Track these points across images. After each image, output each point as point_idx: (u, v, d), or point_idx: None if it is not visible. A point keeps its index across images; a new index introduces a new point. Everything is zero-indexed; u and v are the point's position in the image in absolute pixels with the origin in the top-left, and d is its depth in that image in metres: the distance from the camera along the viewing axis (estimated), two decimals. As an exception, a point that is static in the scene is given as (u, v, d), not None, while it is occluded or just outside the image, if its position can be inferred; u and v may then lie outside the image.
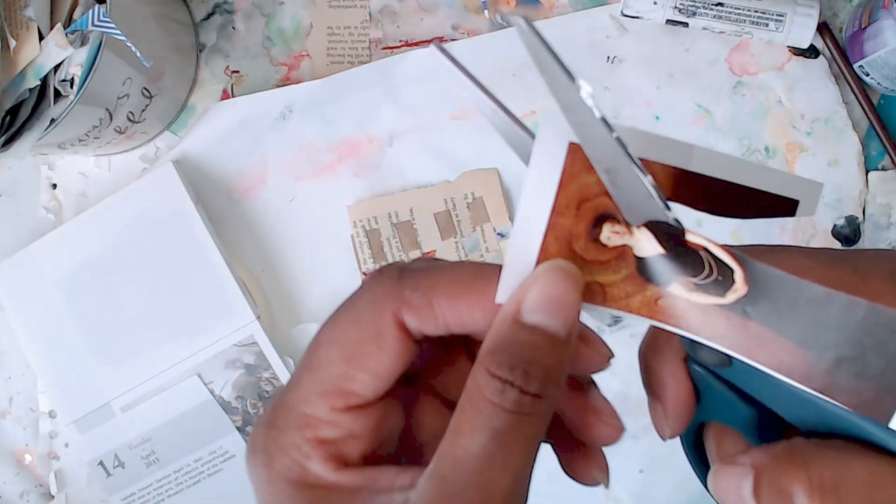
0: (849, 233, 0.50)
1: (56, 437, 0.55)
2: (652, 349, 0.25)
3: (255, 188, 0.53)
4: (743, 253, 0.21)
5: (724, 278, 0.21)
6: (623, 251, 0.22)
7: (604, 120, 0.19)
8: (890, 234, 0.50)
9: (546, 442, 0.25)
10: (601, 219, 0.22)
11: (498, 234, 0.52)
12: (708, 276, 0.21)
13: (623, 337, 0.51)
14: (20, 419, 0.56)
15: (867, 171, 0.50)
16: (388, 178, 0.52)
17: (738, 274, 0.21)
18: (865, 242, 0.50)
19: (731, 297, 0.21)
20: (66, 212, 0.55)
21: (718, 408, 0.24)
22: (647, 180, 0.20)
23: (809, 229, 0.50)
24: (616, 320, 0.51)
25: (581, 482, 0.25)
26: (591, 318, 0.23)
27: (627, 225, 0.21)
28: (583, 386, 0.24)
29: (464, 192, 0.52)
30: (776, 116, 0.50)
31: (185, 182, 0.52)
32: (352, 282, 0.53)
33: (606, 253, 0.22)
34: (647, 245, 0.21)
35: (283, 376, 0.51)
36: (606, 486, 0.25)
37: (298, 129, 0.53)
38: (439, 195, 0.52)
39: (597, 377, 0.25)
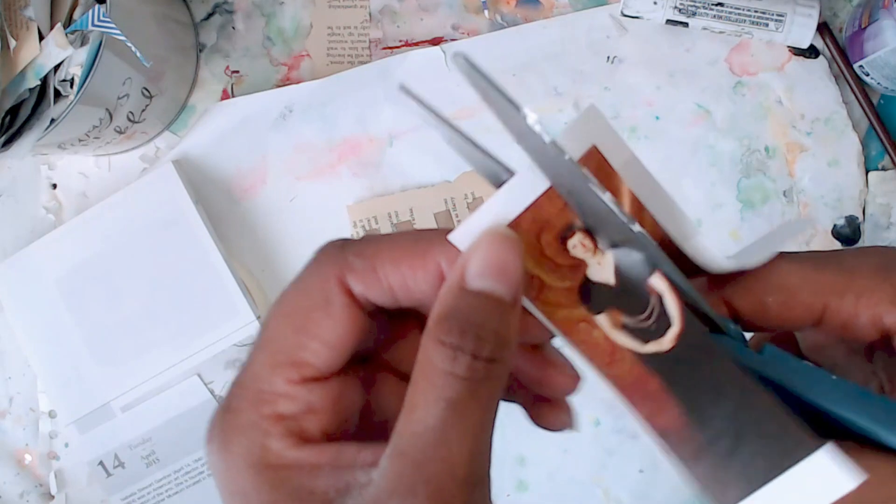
0: (849, 233, 0.50)
1: (56, 437, 0.55)
2: None
3: (255, 188, 0.53)
4: (701, 307, 0.22)
5: (656, 328, 0.22)
6: (578, 265, 0.22)
7: (554, 143, 0.19)
8: (890, 233, 0.50)
9: (511, 401, 0.25)
10: (579, 228, 0.22)
11: (498, 234, 0.52)
12: (643, 321, 0.22)
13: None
14: (20, 419, 0.56)
15: (867, 171, 0.50)
16: (388, 178, 0.52)
17: (674, 330, 0.21)
18: (865, 242, 0.50)
19: (650, 347, 0.22)
20: (66, 212, 0.55)
21: None
22: (606, 197, 0.20)
23: (810, 229, 0.50)
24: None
25: (550, 429, 0.25)
26: None
27: (596, 246, 0.22)
28: (538, 346, 0.25)
29: (464, 192, 0.52)
30: (776, 116, 0.50)
31: (185, 182, 0.52)
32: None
33: (564, 258, 0.22)
34: (601, 271, 0.22)
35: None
36: (574, 428, 0.25)
37: (298, 129, 0.53)
38: (439, 195, 0.52)
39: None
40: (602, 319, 0.22)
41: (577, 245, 0.22)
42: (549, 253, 0.22)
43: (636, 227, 0.21)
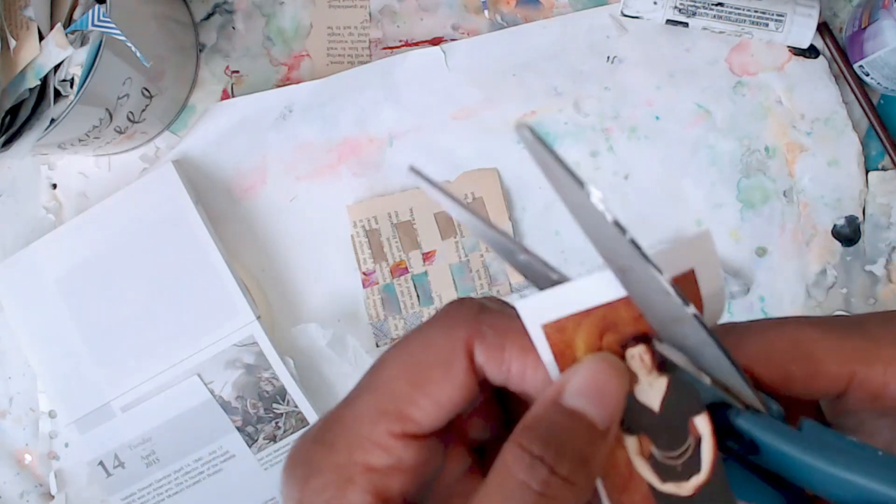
0: (849, 233, 0.50)
1: (56, 437, 0.55)
2: None
3: (255, 188, 0.53)
4: (742, 395, 0.21)
5: (682, 470, 0.21)
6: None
7: (616, 223, 0.19)
8: (890, 234, 0.50)
9: None
10: (644, 339, 0.21)
11: (498, 234, 0.52)
12: (672, 458, 0.21)
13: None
14: (20, 419, 0.56)
15: (867, 171, 0.50)
16: (388, 178, 0.52)
17: (699, 479, 0.21)
18: (866, 242, 0.50)
19: (668, 488, 0.21)
20: (66, 212, 0.55)
21: (745, 492, 0.23)
22: (664, 278, 0.19)
23: (810, 229, 0.50)
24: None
25: None
26: None
27: (653, 365, 0.21)
28: None
29: (464, 192, 0.52)
30: (776, 116, 0.50)
31: (185, 182, 0.52)
32: (352, 282, 0.53)
33: None
34: (649, 393, 0.21)
35: (283, 376, 0.51)
36: None
37: (298, 129, 0.53)
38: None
39: None
40: (631, 442, 0.21)
41: (636, 357, 0.21)
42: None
43: (690, 310, 0.20)
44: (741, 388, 0.21)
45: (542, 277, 0.23)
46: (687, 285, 0.21)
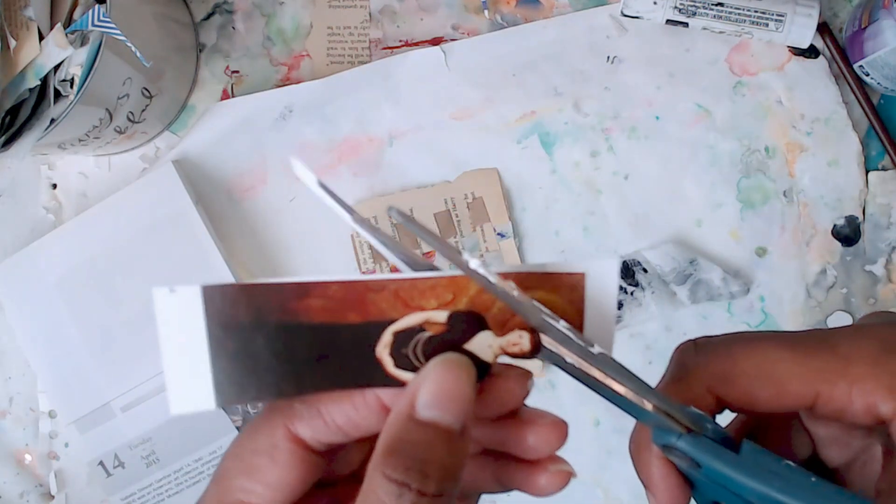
0: (849, 233, 0.50)
1: (56, 437, 0.55)
2: (635, 444, 0.25)
3: (255, 188, 0.53)
4: (671, 411, 0.22)
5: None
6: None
7: (501, 280, 0.21)
8: (890, 233, 0.50)
9: (507, 490, 0.25)
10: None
11: (498, 234, 0.52)
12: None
13: (623, 336, 0.51)
14: (20, 419, 0.56)
15: (867, 171, 0.50)
16: (388, 178, 0.52)
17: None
18: (865, 242, 0.50)
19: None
20: (66, 212, 0.55)
21: (718, 492, 0.23)
22: (562, 325, 0.22)
23: (810, 229, 0.50)
24: (616, 320, 0.51)
25: (553, 491, 0.24)
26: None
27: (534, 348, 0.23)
28: (513, 412, 0.24)
29: (464, 192, 0.52)
30: (776, 116, 0.50)
31: (185, 182, 0.52)
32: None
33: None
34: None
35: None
36: (573, 474, 0.25)
37: (298, 129, 0.53)
38: (439, 195, 0.52)
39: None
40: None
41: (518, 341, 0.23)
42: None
43: (595, 349, 0.22)
44: (678, 411, 0.22)
45: None
46: (571, 288, 0.23)
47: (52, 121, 0.44)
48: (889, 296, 0.50)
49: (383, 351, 0.22)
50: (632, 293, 0.51)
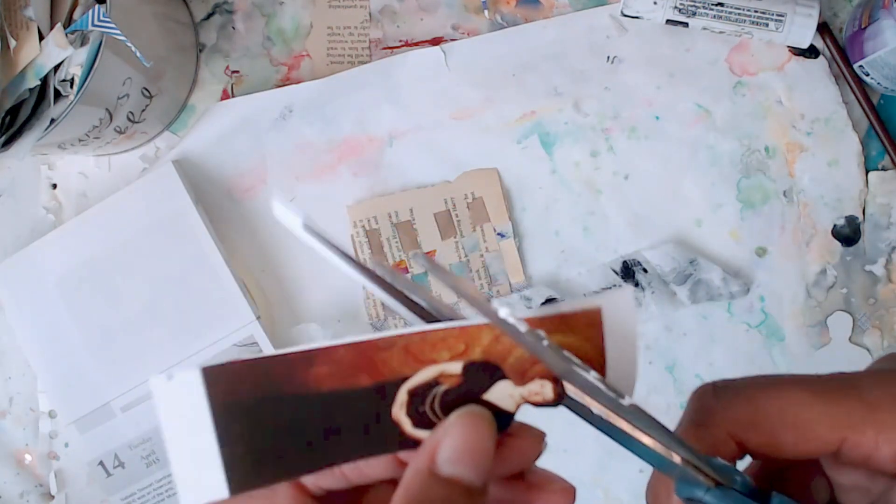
0: (849, 233, 0.50)
1: (56, 437, 0.55)
2: (654, 494, 0.25)
3: (255, 188, 0.53)
4: (700, 465, 0.22)
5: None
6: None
7: (532, 332, 0.20)
8: (890, 234, 0.50)
9: None
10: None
11: (498, 234, 0.52)
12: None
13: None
14: (20, 419, 0.56)
15: (867, 171, 0.50)
16: (388, 178, 0.52)
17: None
18: (865, 242, 0.50)
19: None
20: (66, 212, 0.55)
21: None
22: (592, 375, 0.21)
23: (810, 229, 0.50)
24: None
25: None
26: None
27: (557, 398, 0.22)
28: (522, 473, 0.24)
29: (464, 192, 0.52)
30: (776, 116, 0.50)
31: (185, 182, 0.52)
32: (351, 282, 0.53)
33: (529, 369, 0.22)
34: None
35: (283, 376, 0.51)
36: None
37: (298, 129, 0.53)
38: (439, 195, 0.52)
39: None
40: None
41: (536, 390, 0.22)
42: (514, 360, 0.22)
43: (626, 401, 0.21)
44: (706, 464, 0.22)
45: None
46: (588, 325, 0.22)
47: (52, 121, 0.44)
48: (889, 296, 0.50)
49: (400, 412, 0.21)
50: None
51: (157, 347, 0.52)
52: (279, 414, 0.21)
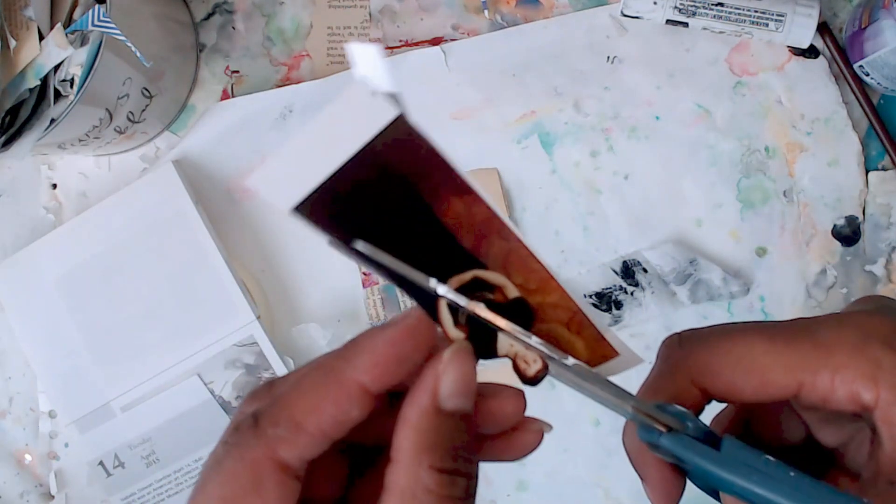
0: (849, 233, 0.50)
1: (56, 437, 0.55)
2: (628, 437, 0.26)
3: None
4: (651, 412, 0.23)
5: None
6: None
7: (471, 307, 0.22)
8: (890, 234, 0.50)
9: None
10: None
11: (498, 234, 0.52)
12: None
13: (623, 337, 0.51)
14: (20, 419, 0.56)
15: (867, 171, 0.50)
16: (388, 178, 0.52)
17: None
18: (865, 242, 0.50)
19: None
20: (66, 212, 0.55)
21: (708, 482, 0.24)
22: (534, 341, 0.23)
23: (810, 229, 0.50)
24: (616, 320, 0.51)
25: (530, 449, 0.25)
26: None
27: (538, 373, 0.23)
28: None
29: (464, 192, 0.52)
30: (776, 116, 0.50)
31: (185, 182, 0.52)
32: (352, 281, 0.53)
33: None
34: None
35: (283, 376, 0.51)
36: (549, 429, 0.25)
37: (298, 129, 0.53)
38: (439, 195, 0.52)
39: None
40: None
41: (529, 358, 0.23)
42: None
43: (570, 361, 0.23)
44: (656, 411, 0.23)
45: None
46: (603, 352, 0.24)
47: (52, 121, 0.44)
48: (889, 296, 0.50)
49: (453, 282, 0.23)
50: (632, 293, 0.51)
51: (157, 347, 0.52)
52: (395, 195, 0.21)
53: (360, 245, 0.21)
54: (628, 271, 0.51)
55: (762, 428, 0.28)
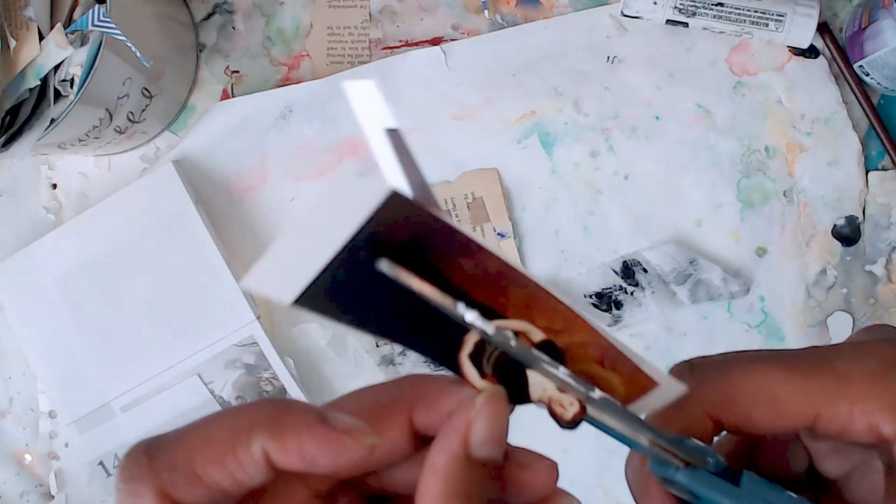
0: (849, 233, 0.50)
1: (56, 437, 0.55)
2: (633, 471, 0.25)
3: (255, 188, 0.53)
4: (672, 448, 0.22)
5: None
6: None
7: (499, 333, 0.20)
8: (890, 234, 0.50)
9: None
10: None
11: (498, 234, 0.52)
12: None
13: (623, 337, 0.51)
14: (20, 419, 0.56)
15: (867, 171, 0.50)
16: (388, 178, 0.52)
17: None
18: (865, 242, 0.50)
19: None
20: (66, 212, 0.55)
21: None
22: (561, 372, 0.21)
23: (810, 229, 0.50)
24: (616, 320, 0.51)
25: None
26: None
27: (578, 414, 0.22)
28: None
29: (464, 192, 0.52)
30: (776, 116, 0.50)
31: (185, 182, 0.52)
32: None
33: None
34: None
35: (283, 376, 0.51)
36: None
37: (298, 129, 0.53)
38: (439, 195, 0.52)
39: None
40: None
41: (566, 402, 0.22)
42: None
43: (596, 394, 0.21)
44: (675, 445, 0.22)
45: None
46: (637, 384, 0.22)
47: (52, 121, 0.44)
48: (889, 296, 0.50)
49: (471, 338, 0.22)
50: (632, 293, 0.51)
51: (157, 347, 0.52)
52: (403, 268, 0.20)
53: (384, 265, 0.19)
54: (628, 271, 0.51)
55: (765, 458, 0.27)
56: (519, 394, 0.22)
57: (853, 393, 0.22)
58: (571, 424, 0.22)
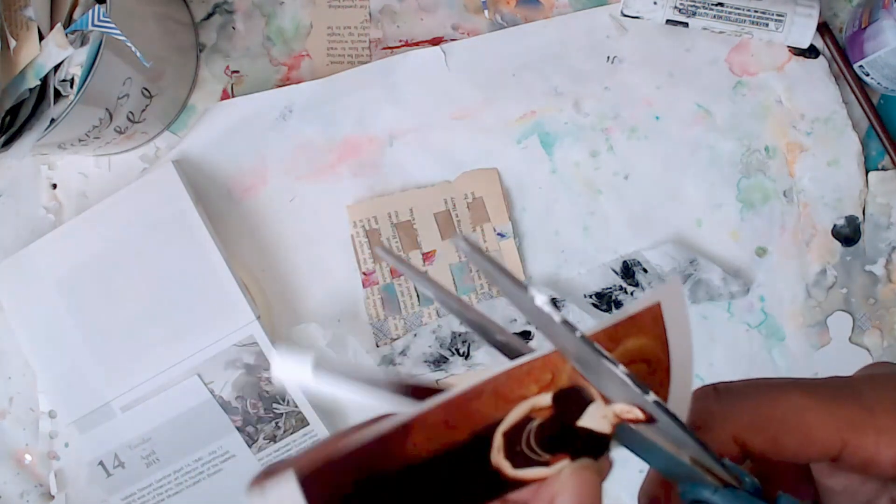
0: (849, 233, 0.50)
1: (56, 437, 0.55)
2: (649, 497, 0.24)
3: (255, 188, 0.53)
4: (713, 467, 0.22)
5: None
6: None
7: (565, 322, 0.19)
8: (890, 234, 0.50)
9: None
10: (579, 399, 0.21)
11: (498, 234, 0.52)
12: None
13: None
14: (20, 419, 0.56)
15: (867, 171, 0.50)
16: (388, 178, 0.52)
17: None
18: (865, 242, 0.50)
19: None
20: (66, 212, 0.55)
21: None
22: (620, 370, 0.20)
23: (809, 229, 0.50)
24: (616, 320, 0.51)
25: None
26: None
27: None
28: None
29: (464, 192, 0.52)
30: (776, 116, 0.50)
31: (185, 182, 0.52)
32: (352, 281, 0.53)
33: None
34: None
35: (283, 376, 0.51)
36: None
37: (298, 129, 0.53)
38: (439, 195, 0.52)
39: None
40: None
41: (597, 417, 0.21)
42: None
43: (650, 397, 0.20)
44: (715, 465, 0.22)
45: (519, 354, 0.22)
46: (653, 321, 0.21)
47: (52, 121, 0.44)
48: (889, 296, 0.50)
49: (498, 456, 0.21)
50: (632, 293, 0.51)
51: (157, 347, 0.52)
52: (381, 492, 0.20)
53: (461, 242, 0.19)
54: (628, 271, 0.51)
55: (777, 489, 0.27)
56: (591, 446, 0.21)
57: (879, 424, 0.22)
58: (650, 419, 0.21)
